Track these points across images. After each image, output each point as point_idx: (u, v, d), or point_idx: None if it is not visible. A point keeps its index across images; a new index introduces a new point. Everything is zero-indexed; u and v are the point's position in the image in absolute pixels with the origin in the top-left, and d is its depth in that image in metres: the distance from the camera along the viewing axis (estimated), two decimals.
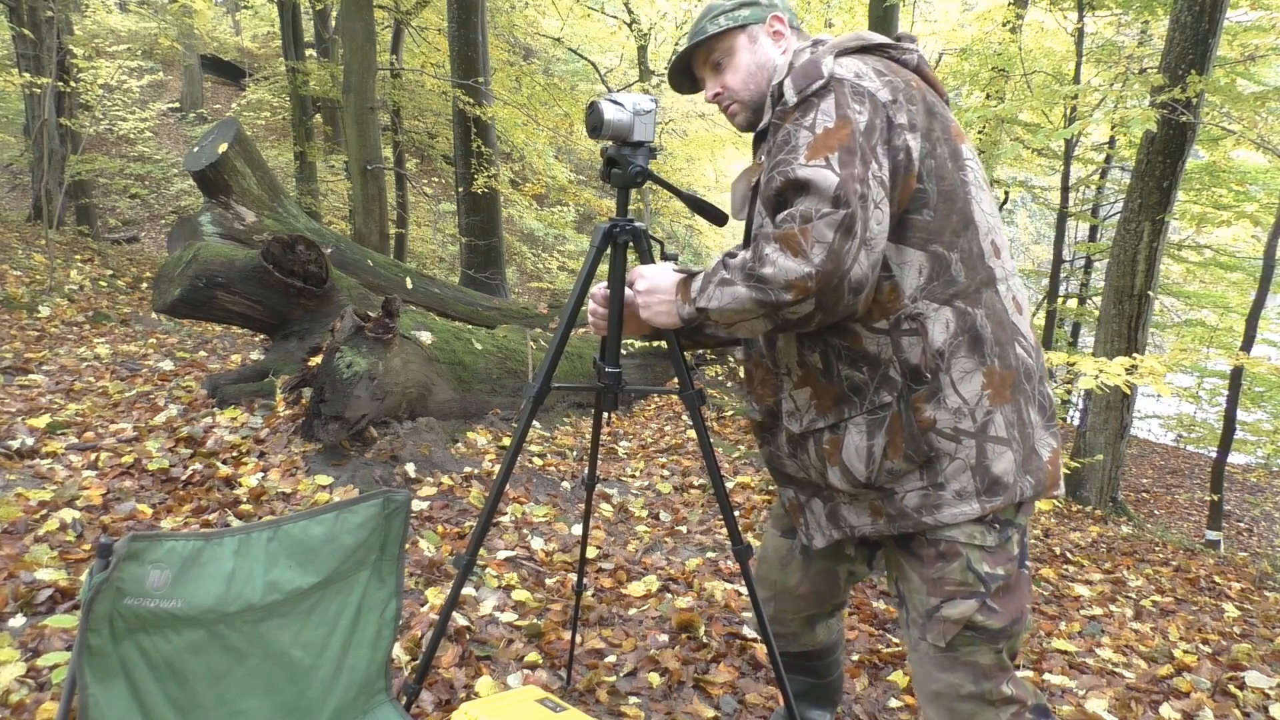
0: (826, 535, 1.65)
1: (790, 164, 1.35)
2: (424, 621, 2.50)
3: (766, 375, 1.63)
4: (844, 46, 1.50)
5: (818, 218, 1.30)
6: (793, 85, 1.42)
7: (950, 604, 1.49)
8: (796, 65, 1.48)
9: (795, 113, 1.40)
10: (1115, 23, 8.61)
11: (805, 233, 1.30)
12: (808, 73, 1.42)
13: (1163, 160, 5.40)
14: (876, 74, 1.43)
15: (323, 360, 3.49)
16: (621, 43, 14.93)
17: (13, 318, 5.93)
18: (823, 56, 1.45)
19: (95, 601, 1.17)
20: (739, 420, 5.70)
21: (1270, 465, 10.40)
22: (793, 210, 1.33)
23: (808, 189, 1.32)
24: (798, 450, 1.60)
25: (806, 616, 1.88)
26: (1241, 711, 2.61)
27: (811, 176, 1.32)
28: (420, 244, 13.53)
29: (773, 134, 1.44)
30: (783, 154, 1.37)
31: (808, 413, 1.55)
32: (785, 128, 1.40)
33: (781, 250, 1.32)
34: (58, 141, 9.22)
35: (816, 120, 1.37)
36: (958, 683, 1.52)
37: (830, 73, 1.40)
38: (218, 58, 16.62)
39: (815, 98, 1.39)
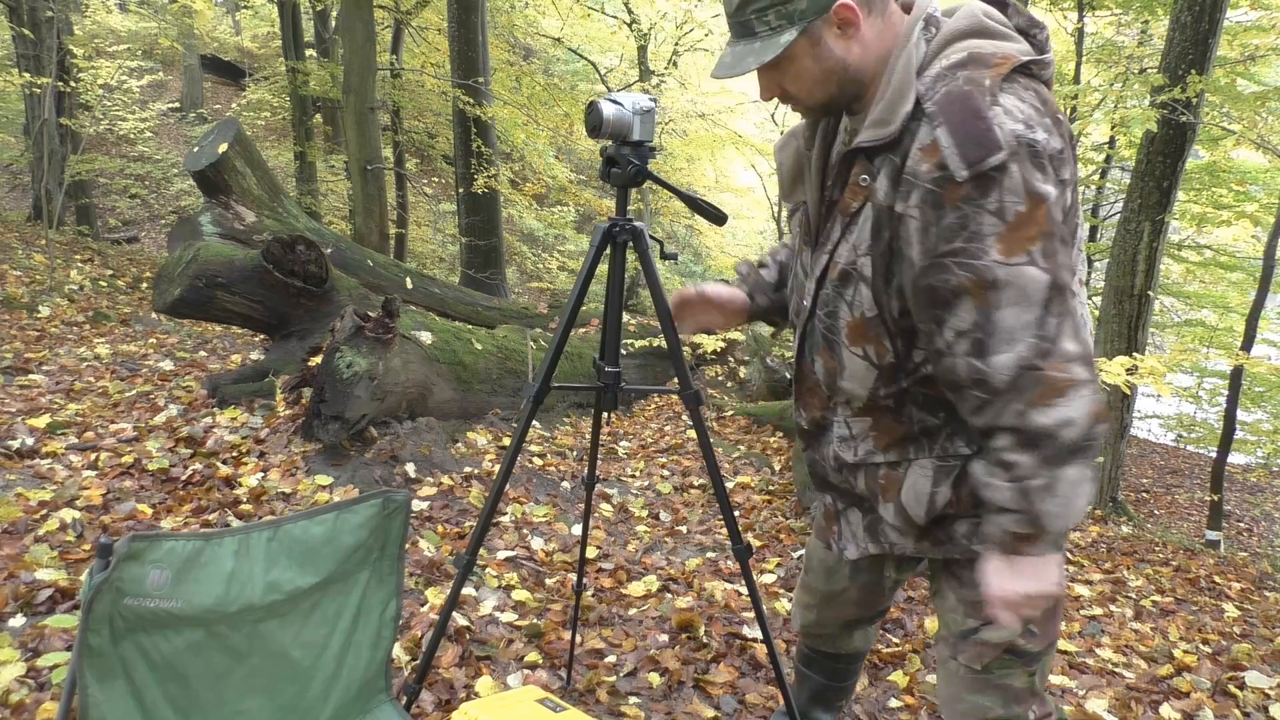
0: (862, 548, 1.58)
1: (979, 259, 1.17)
2: (424, 621, 2.50)
3: (815, 391, 1.53)
4: (994, 65, 1.21)
5: (1050, 343, 1.17)
6: (959, 152, 1.16)
7: (991, 628, 1.44)
8: (942, 101, 1.20)
9: (968, 190, 1.17)
10: (1115, 23, 8.61)
11: (1063, 370, 1.18)
12: (980, 139, 1.16)
13: (1163, 160, 5.40)
14: (1038, 112, 1.21)
15: (323, 360, 3.49)
16: (621, 43, 14.91)
17: (13, 318, 5.93)
18: (987, 105, 1.18)
19: (95, 601, 1.17)
20: (739, 420, 5.70)
21: (1270, 465, 10.39)
22: (1018, 355, 1.18)
23: (1009, 290, 1.17)
24: (844, 471, 1.53)
25: (847, 621, 1.86)
26: (1241, 711, 2.61)
27: (1014, 278, 1.16)
28: (420, 244, 13.53)
29: (923, 205, 1.20)
30: (959, 242, 1.18)
31: (863, 442, 1.46)
32: (958, 209, 1.18)
33: (1044, 406, 1.18)
34: (58, 141, 9.22)
35: (1004, 204, 1.16)
36: (987, 705, 1.48)
37: (1009, 142, 1.16)
38: (218, 58, 16.62)
39: (995, 174, 1.16)
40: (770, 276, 1.73)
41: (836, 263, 1.37)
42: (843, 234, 1.35)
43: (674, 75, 13.81)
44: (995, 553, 1.30)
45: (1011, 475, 1.24)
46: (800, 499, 3.96)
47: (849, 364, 1.41)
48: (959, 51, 1.24)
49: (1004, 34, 1.27)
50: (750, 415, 5.72)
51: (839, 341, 1.41)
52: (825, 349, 1.45)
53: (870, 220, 1.29)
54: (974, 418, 1.28)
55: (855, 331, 1.38)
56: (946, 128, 1.18)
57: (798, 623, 1.94)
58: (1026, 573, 1.28)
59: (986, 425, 1.26)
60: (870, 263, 1.30)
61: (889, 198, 1.26)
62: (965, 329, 1.21)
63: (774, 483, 4.38)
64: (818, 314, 1.44)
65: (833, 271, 1.38)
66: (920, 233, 1.22)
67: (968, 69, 1.22)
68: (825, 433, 1.55)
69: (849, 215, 1.33)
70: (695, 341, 6.01)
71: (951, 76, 1.22)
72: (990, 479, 1.27)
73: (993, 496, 1.27)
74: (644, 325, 5.85)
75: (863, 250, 1.31)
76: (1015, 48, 1.26)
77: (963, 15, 1.30)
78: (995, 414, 1.23)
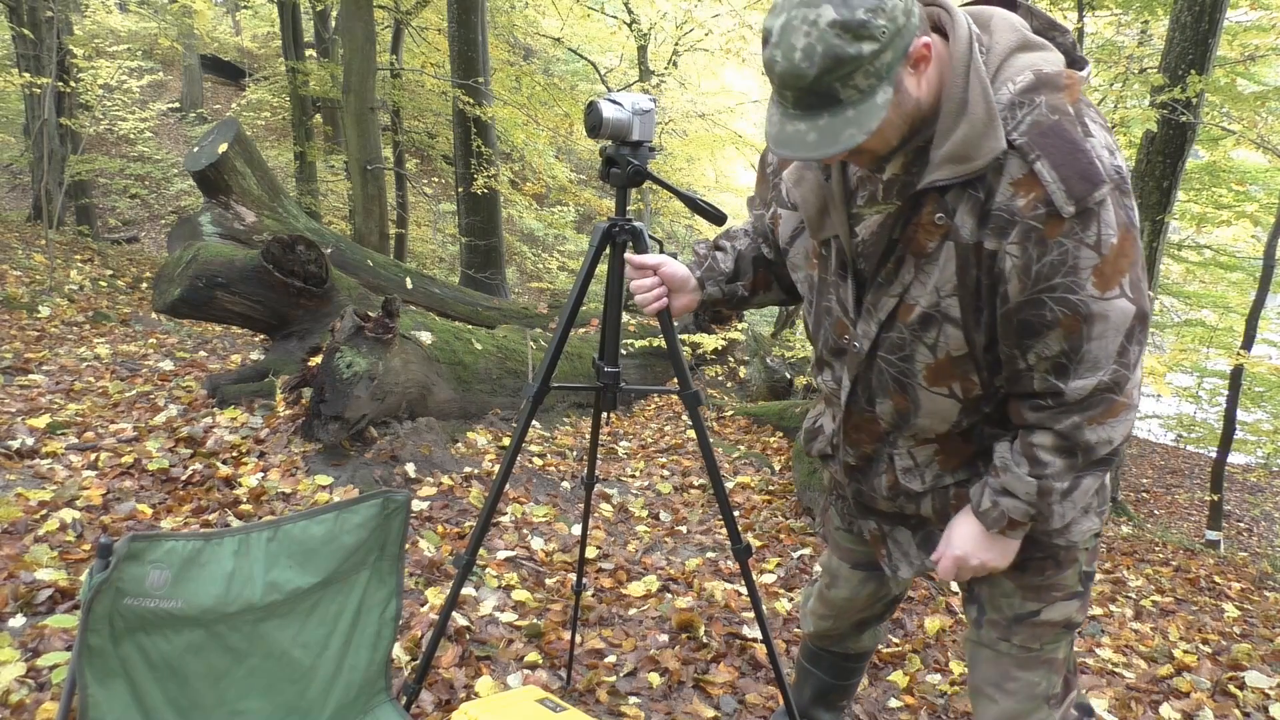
0: (917, 565, 1.57)
1: (1075, 293, 1.16)
2: (424, 621, 2.50)
3: (870, 426, 1.48)
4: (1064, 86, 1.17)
5: (1127, 370, 1.20)
6: (1064, 187, 1.13)
7: (1052, 607, 1.46)
8: (1034, 134, 1.15)
9: (1070, 225, 1.14)
10: (1115, 23, 8.60)
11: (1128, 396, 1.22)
12: (1084, 173, 1.13)
13: (1163, 160, 5.40)
14: (1109, 133, 1.19)
15: (323, 360, 3.49)
16: (621, 43, 14.91)
17: (13, 318, 5.93)
18: (1082, 136, 1.15)
19: (95, 601, 1.17)
20: (739, 420, 5.70)
21: (1270, 465, 10.39)
22: (1098, 380, 1.20)
23: (1101, 322, 1.17)
24: (903, 498, 1.50)
25: (860, 621, 1.87)
26: (1241, 711, 2.61)
27: (1106, 312, 1.16)
28: (420, 244, 13.53)
29: (1024, 242, 1.17)
30: (1058, 278, 1.16)
31: (929, 469, 1.45)
32: (1060, 244, 1.15)
33: (1099, 423, 1.22)
34: (58, 141, 9.22)
35: (1101, 236, 1.14)
36: (1036, 680, 1.51)
37: (1110, 174, 1.14)
38: (218, 58, 16.62)
39: (1097, 207, 1.14)
40: (726, 265, 1.66)
41: (911, 305, 1.30)
42: (916, 275, 1.28)
43: (674, 75, 13.81)
44: (976, 521, 1.35)
45: (1037, 472, 1.27)
46: (800, 499, 3.96)
47: (928, 403, 1.37)
48: (1020, 73, 1.19)
49: (1043, 44, 1.23)
50: (750, 415, 5.72)
51: (915, 384, 1.36)
52: (897, 391, 1.39)
53: (954, 260, 1.23)
54: (1030, 413, 1.28)
55: (939, 371, 1.33)
56: (1048, 162, 1.14)
57: (809, 628, 1.94)
58: (997, 549, 1.36)
59: (1038, 422, 1.27)
60: (958, 303, 1.25)
61: (975, 234, 1.21)
62: (1051, 355, 1.22)
63: (774, 483, 4.38)
64: (883, 357, 1.38)
65: (906, 315, 1.31)
66: (1020, 271, 1.18)
67: (1043, 94, 1.17)
68: (875, 464, 1.51)
69: (924, 255, 1.26)
70: (695, 341, 6.01)
71: (1031, 104, 1.17)
72: (1016, 467, 1.29)
73: (1010, 483, 1.29)
74: (644, 325, 5.85)
75: (947, 291, 1.26)
76: (1059, 59, 1.22)
77: (1003, 28, 1.24)
78: (1052, 418, 1.25)
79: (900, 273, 1.30)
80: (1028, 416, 1.29)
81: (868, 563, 1.76)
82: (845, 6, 1.07)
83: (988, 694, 1.55)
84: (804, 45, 1.09)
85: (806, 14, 1.09)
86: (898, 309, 1.32)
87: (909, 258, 1.28)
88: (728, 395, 6.50)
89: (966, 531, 1.37)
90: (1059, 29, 1.27)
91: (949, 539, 1.40)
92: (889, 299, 1.32)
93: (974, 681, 1.58)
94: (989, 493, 1.33)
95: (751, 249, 1.67)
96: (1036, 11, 1.30)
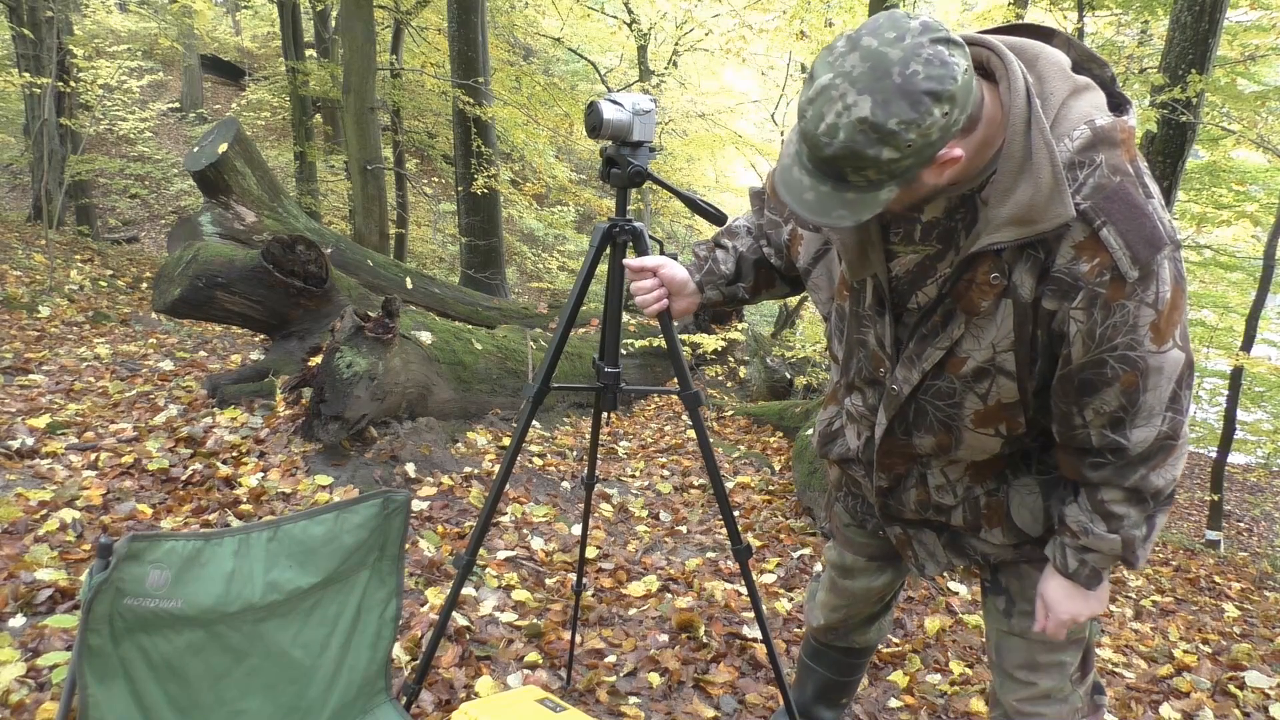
0: (944, 563, 1.60)
1: (1135, 350, 1.18)
2: (424, 621, 2.50)
3: (905, 451, 1.48)
4: (1120, 142, 1.15)
5: (1181, 415, 1.23)
6: (1130, 254, 1.13)
7: None
8: (1099, 199, 1.14)
9: (1133, 287, 1.15)
10: (1115, 23, 8.60)
11: (1183, 438, 1.26)
12: (1149, 238, 1.13)
13: (1163, 160, 5.40)
14: (1156, 183, 1.21)
15: (323, 360, 3.49)
16: (621, 43, 14.91)
17: (13, 318, 5.93)
18: (1145, 200, 1.15)
19: (95, 601, 1.17)
20: (739, 420, 5.70)
21: (1270, 465, 10.39)
22: (1156, 430, 1.23)
23: (1156, 375, 1.20)
24: (933, 510, 1.53)
25: (871, 615, 1.89)
26: (1241, 711, 2.61)
27: (1162, 365, 1.19)
28: (420, 244, 13.53)
29: (1090, 307, 1.17)
30: (1120, 337, 1.17)
31: (960, 484, 1.48)
32: (1123, 307, 1.16)
33: (1162, 468, 1.26)
34: (58, 141, 9.22)
35: (1159, 294, 1.16)
36: (1065, 660, 1.54)
37: (1171, 236, 1.16)
38: (218, 58, 16.62)
39: (1157, 268, 1.15)
40: (727, 266, 1.65)
41: (964, 358, 1.29)
42: (967, 330, 1.27)
43: (674, 75, 13.82)
44: (1069, 582, 1.38)
45: (1116, 526, 1.30)
46: (800, 499, 3.96)
47: (972, 440, 1.39)
48: (1076, 126, 1.16)
49: (1087, 85, 1.21)
50: (750, 415, 5.72)
51: (961, 425, 1.37)
52: (941, 430, 1.40)
53: (1012, 317, 1.23)
54: (1090, 473, 1.30)
55: (987, 416, 1.34)
56: (1114, 229, 1.13)
57: (818, 622, 1.93)
58: (1095, 597, 1.38)
59: (1103, 480, 1.29)
60: (1014, 358, 1.26)
61: (1033, 293, 1.20)
62: (1108, 410, 1.23)
63: (774, 483, 4.37)
64: (928, 401, 1.38)
65: (957, 367, 1.31)
66: (1086, 335, 1.19)
67: (1101, 152, 1.15)
68: (906, 481, 1.53)
69: (976, 313, 1.25)
70: (695, 341, 6.01)
71: (1092, 165, 1.14)
72: (1094, 527, 1.32)
73: (1093, 543, 1.32)
74: (644, 325, 5.85)
75: (1003, 347, 1.25)
76: (1102, 100, 1.20)
77: (1052, 75, 1.19)
78: (1117, 474, 1.27)
79: (949, 327, 1.29)
80: (1090, 475, 1.30)
81: (883, 555, 1.77)
82: (883, 109, 1.03)
83: (1019, 678, 1.57)
84: (830, 122, 1.06)
85: (846, 94, 1.05)
86: (946, 361, 1.32)
87: (959, 313, 1.27)
88: (728, 395, 6.50)
89: (1062, 593, 1.39)
90: (1098, 61, 1.25)
91: (1048, 604, 1.41)
92: (935, 350, 1.31)
93: (1004, 666, 1.60)
94: (1071, 554, 1.35)
95: (752, 250, 1.66)
96: (1075, 43, 1.27)
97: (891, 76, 1.03)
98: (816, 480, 3.73)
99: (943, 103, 1.04)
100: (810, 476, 3.80)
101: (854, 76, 1.05)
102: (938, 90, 1.04)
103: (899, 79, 1.03)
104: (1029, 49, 1.22)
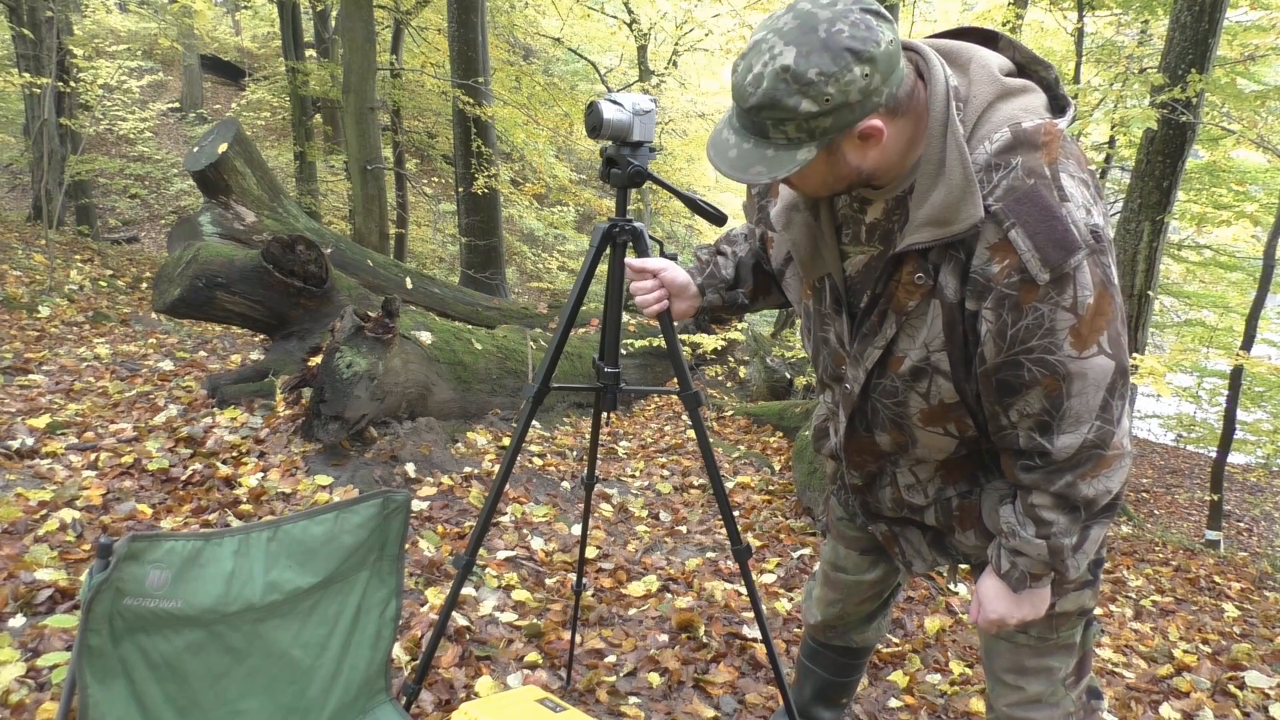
0: (929, 561, 1.60)
1: (1053, 354, 1.17)
2: (424, 621, 2.50)
3: (871, 449, 1.50)
4: (1043, 144, 1.15)
5: (1111, 425, 1.21)
6: (1039, 256, 1.13)
7: (1066, 598, 1.48)
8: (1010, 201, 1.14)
9: (1045, 290, 1.14)
10: (1115, 23, 8.60)
11: (1117, 448, 1.23)
12: (1059, 241, 1.13)
13: (1163, 160, 5.40)
14: (1087, 187, 1.17)
15: (322, 360, 3.49)
16: (621, 43, 14.92)
17: (13, 318, 5.93)
18: (1058, 202, 1.13)
19: (95, 601, 1.17)
20: (739, 420, 5.70)
21: (1270, 465, 10.39)
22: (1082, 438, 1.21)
23: (1080, 380, 1.18)
24: (908, 510, 1.54)
25: (870, 613, 1.89)
26: (1241, 711, 2.61)
27: (1085, 370, 1.17)
28: (420, 244, 13.53)
29: (999, 308, 1.18)
30: (1035, 340, 1.17)
31: (931, 484, 1.48)
32: (1035, 310, 1.16)
33: (1093, 478, 1.23)
34: (58, 141, 9.22)
35: (1078, 298, 1.15)
36: (1055, 665, 1.54)
37: (1086, 240, 1.14)
38: (218, 58, 16.62)
39: (1073, 272, 1.14)
40: (727, 271, 1.67)
41: (899, 357, 1.32)
42: (900, 330, 1.29)
43: (674, 75, 13.82)
44: (1001, 583, 1.37)
45: (1044, 532, 1.29)
46: (800, 499, 3.96)
47: (925, 439, 1.40)
48: (998, 129, 1.17)
49: (1023, 87, 1.22)
50: (750, 415, 5.72)
51: (910, 424, 1.38)
52: (893, 428, 1.41)
53: (941, 317, 1.25)
54: (1021, 475, 1.30)
55: (933, 415, 1.35)
56: (1023, 230, 1.13)
57: (815, 618, 1.94)
58: (1028, 602, 1.38)
59: (1033, 483, 1.29)
60: (947, 358, 1.27)
61: (958, 294, 1.22)
62: (1033, 413, 1.23)
63: (774, 483, 4.38)
64: (877, 399, 1.40)
65: (896, 365, 1.33)
66: (996, 335, 1.20)
67: (1020, 154, 1.15)
68: (879, 480, 1.55)
69: (905, 312, 1.27)
70: (695, 341, 6.00)
71: (1007, 167, 1.15)
72: (1022, 530, 1.31)
73: (1020, 546, 1.32)
74: (644, 325, 5.85)
75: (936, 346, 1.27)
76: (1039, 101, 1.21)
77: (981, 78, 1.21)
78: (1044, 479, 1.27)
79: (883, 327, 1.31)
80: (1022, 478, 1.31)
81: (874, 548, 1.78)
82: (804, 59, 1.07)
83: (1008, 682, 1.57)
84: (756, 72, 1.11)
85: (773, 46, 1.09)
86: (887, 360, 1.34)
87: (890, 314, 1.29)
88: (728, 395, 6.50)
89: (995, 593, 1.39)
90: (1041, 64, 1.26)
91: (981, 601, 1.42)
92: (874, 350, 1.34)
93: (993, 670, 1.60)
94: (1005, 555, 1.35)
95: (751, 256, 1.68)
96: (1018, 45, 1.27)
97: (817, 31, 1.08)
98: (816, 480, 3.73)
99: (863, 63, 1.08)
100: (810, 476, 3.80)
101: (784, 31, 1.09)
102: (858, 49, 1.07)
103: (824, 34, 1.07)
104: (962, 54, 1.24)
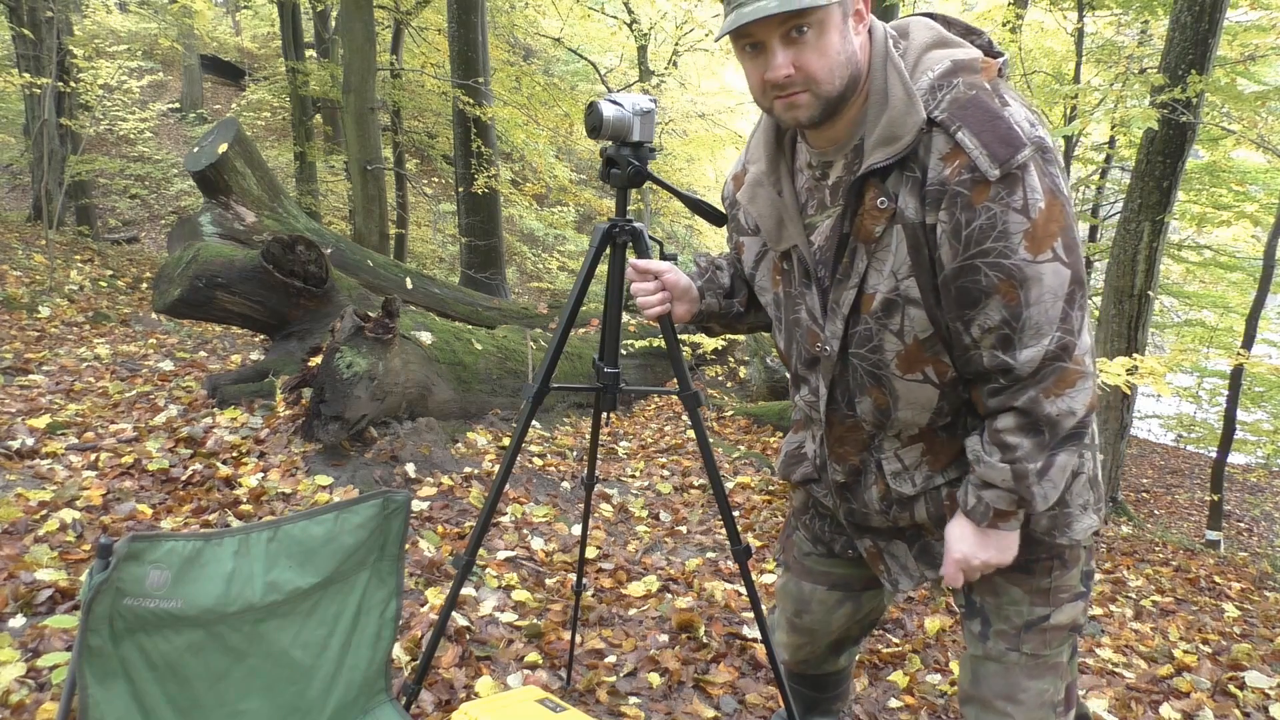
0: (916, 577, 1.56)
1: (1008, 258, 1.20)
2: (424, 621, 2.50)
3: (854, 434, 1.49)
4: (980, 69, 1.25)
5: (1072, 335, 1.22)
6: (987, 152, 1.19)
7: (1061, 610, 1.47)
8: (953, 107, 1.22)
9: (996, 189, 1.19)
10: (1115, 23, 8.61)
11: (1079, 364, 1.23)
12: (1005, 137, 1.19)
13: (1163, 160, 5.40)
14: (1032, 111, 1.25)
15: (323, 360, 3.49)
16: (621, 43, 14.92)
17: (13, 318, 5.93)
18: (999, 106, 1.21)
19: (95, 602, 1.17)
20: (739, 420, 5.70)
21: (1270, 465, 10.40)
22: (1044, 350, 1.22)
23: (1037, 286, 1.21)
24: (896, 507, 1.50)
25: (835, 643, 1.85)
26: (1241, 711, 2.61)
27: (1041, 275, 1.20)
28: (420, 244, 13.53)
29: (952, 208, 1.22)
30: (989, 242, 1.20)
31: (918, 470, 1.45)
32: (988, 209, 1.19)
33: (1057, 396, 1.24)
34: (58, 142, 9.22)
35: (1028, 201, 1.19)
36: (1046, 688, 1.50)
37: (1032, 139, 1.20)
38: (218, 58, 16.62)
39: (1020, 171, 1.19)
40: (724, 280, 1.68)
41: (872, 294, 1.33)
42: (870, 263, 1.32)
43: (674, 75, 13.83)
44: (967, 520, 1.37)
45: (1009, 456, 1.29)
46: None
47: (906, 392, 1.38)
48: (938, 62, 1.27)
49: (960, 42, 1.31)
50: (750, 415, 5.72)
51: (889, 374, 1.37)
52: (873, 386, 1.40)
53: (905, 241, 1.28)
54: (990, 399, 1.32)
55: (910, 357, 1.35)
56: (969, 130, 1.20)
57: (785, 658, 1.90)
58: (994, 545, 1.37)
59: (999, 405, 1.30)
60: (916, 284, 1.29)
61: (919, 214, 1.26)
62: (993, 326, 1.25)
63: (774, 483, 4.38)
64: (855, 353, 1.39)
65: (868, 304, 1.34)
66: (951, 236, 1.23)
67: (961, 75, 1.24)
68: (864, 477, 1.52)
69: (873, 241, 1.31)
70: (695, 341, 6.01)
71: (950, 84, 1.24)
72: (988, 456, 1.32)
73: (986, 473, 1.32)
74: (644, 325, 5.85)
75: (904, 274, 1.29)
76: (978, 53, 1.29)
77: (921, 28, 1.33)
78: (1009, 396, 1.28)
79: (854, 264, 1.34)
80: (988, 403, 1.32)
81: (845, 582, 1.73)
82: None
83: (997, 707, 1.51)
84: None
85: None
86: (860, 300, 1.36)
87: (859, 247, 1.33)
88: (728, 395, 6.50)
89: (961, 533, 1.39)
90: (975, 32, 1.34)
91: (948, 544, 1.41)
92: (849, 292, 1.36)
93: (981, 695, 1.54)
94: (971, 489, 1.36)
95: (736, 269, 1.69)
96: (953, 19, 1.37)
97: None
98: None
99: None
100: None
101: None
102: None
103: None
104: (902, 22, 1.37)
